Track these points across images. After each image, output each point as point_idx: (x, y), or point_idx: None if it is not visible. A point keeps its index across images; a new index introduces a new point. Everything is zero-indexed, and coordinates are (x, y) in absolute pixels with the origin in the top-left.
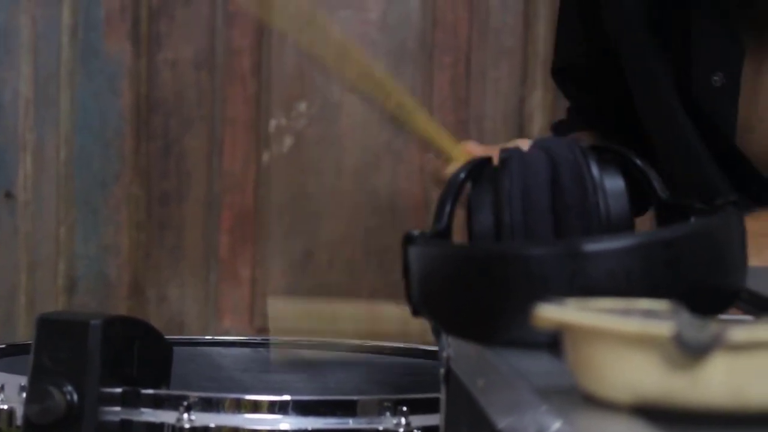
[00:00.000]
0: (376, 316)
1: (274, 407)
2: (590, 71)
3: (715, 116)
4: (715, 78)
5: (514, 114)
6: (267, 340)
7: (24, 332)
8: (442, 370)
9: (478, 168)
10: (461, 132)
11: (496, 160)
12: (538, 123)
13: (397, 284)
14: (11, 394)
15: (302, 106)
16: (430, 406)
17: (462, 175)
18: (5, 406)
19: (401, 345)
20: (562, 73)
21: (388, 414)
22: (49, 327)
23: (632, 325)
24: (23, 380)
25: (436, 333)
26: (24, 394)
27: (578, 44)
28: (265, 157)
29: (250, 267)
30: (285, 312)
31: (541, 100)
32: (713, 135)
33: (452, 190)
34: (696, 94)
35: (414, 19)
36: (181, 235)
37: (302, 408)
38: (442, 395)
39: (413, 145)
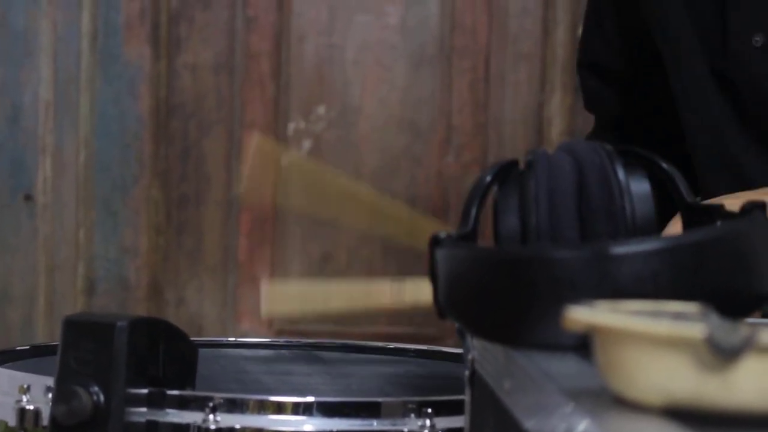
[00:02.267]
0: (370, 293)
1: (298, 408)
2: (619, 66)
3: (757, 78)
4: (756, 39)
5: (533, 118)
6: (290, 342)
7: (43, 334)
8: (467, 372)
9: (505, 170)
10: (480, 136)
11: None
12: (558, 127)
13: None
14: (37, 395)
15: (321, 110)
16: (454, 408)
17: (488, 178)
18: (31, 407)
19: (424, 347)
20: (589, 67)
21: (412, 416)
22: (76, 328)
23: (663, 327)
24: (49, 381)
25: (461, 335)
26: (50, 395)
27: (608, 37)
28: (284, 160)
29: (269, 270)
30: (279, 294)
31: (560, 104)
32: (749, 105)
33: (478, 192)
34: (735, 57)
35: (433, 24)
36: (199, 237)
37: (326, 409)
38: (466, 397)
39: (432, 149)
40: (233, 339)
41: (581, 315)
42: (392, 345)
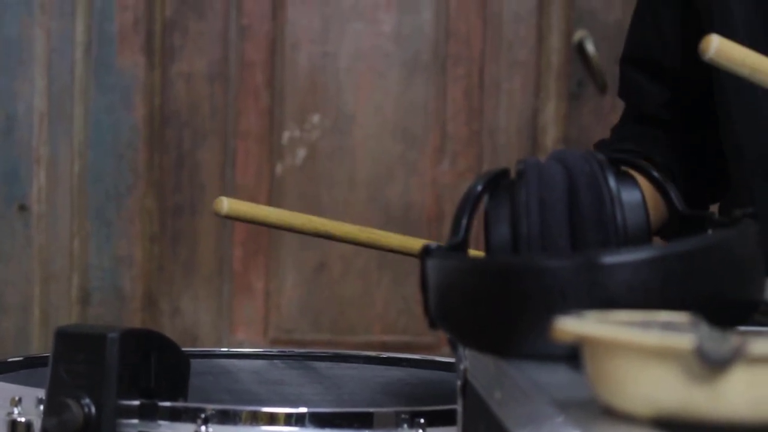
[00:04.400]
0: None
1: (290, 419)
2: (672, 62)
3: None
4: None
5: (527, 126)
6: (283, 352)
7: (38, 344)
8: (459, 383)
9: (495, 180)
10: (474, 144)
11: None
12: (552, 135)
13: (409, 297)
14: (29, 407)
15: (315, 119)
16: (446, 418)
17: (479, 188)
18: (23, 419)
19: (417, 357)
20: (635, 62)
21: (405, 426)
22: (67, 340)
23: (652, 338)
24: (40, 393)
25: (453, 345)
26: (41, 407)
27: (663, 32)
28: (279, 169)
29: (264, 279)
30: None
31: (554, 111)
32: None
33: (469, 202)
34: None
35: (427, 31)
36: (194, 247)
37: (319, 420)
38: (459, 407)
39: (426, 157)
40: (225, 349)
41: (570, 326)
42: (384, 354)
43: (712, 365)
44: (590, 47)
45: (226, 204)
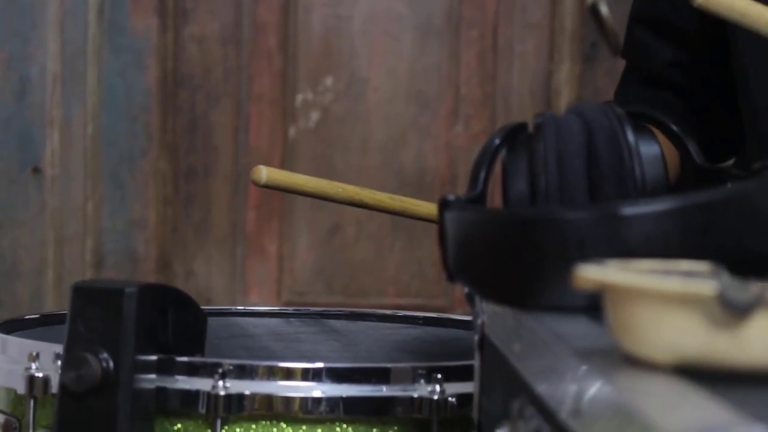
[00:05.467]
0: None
1: (307, 374)
2: (686, 24)
3: None
4: None
5: (541, 88)
6: (298, 310)
7: (53, 308)
8: (476, 337)
9: (513, 134)
10: (488, 107)
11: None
12: (566, 97)
13: (422, 260)
14: (46, 362)
15: (329, 81)
16: (464, 374)
17: (497, 141)
18: (40, 374)
19: (432, 315)
20: (644, 22)
21: (422, 381)
22: (85, 295)
23: (675, 285)
24: (58, 348)
25: (470, 300)
26: (59, 362)
27: None
28: (292, 132)
29: (277, 242)
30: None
31: (568, 74)
32: None
33: (487, 155)
34: None
35: None
36: (207, 210)
37: (336, 375)
38: (476, 362)
39: (440, 120)
40: (241, 308)
41: (592, 273)
42: (401, 313)
43: (734, 312)
44: (604, 9)
45: (265, 173)
